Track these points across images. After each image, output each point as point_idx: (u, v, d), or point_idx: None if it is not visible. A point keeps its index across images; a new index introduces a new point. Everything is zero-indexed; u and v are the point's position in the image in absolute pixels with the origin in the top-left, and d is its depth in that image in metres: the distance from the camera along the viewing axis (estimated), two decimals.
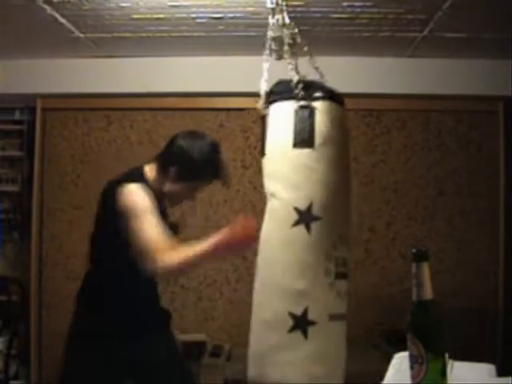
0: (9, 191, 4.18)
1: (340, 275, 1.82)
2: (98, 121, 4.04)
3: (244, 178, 3.96)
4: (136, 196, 2.13)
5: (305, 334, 1.74)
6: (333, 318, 1.80)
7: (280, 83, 1.94)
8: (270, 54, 1.96)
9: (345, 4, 2.84)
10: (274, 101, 1.90)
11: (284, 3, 1.95)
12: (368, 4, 2.84)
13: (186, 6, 2.91)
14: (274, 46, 1.96)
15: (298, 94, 1.85)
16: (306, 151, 1.81)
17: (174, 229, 2.42)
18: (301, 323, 1.74)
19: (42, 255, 3.98)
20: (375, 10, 2.90)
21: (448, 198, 3.90)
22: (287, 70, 1.94)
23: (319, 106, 1.84)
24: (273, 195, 1.85)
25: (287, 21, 1.95)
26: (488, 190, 3.88)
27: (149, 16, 3.03)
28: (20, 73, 3.82)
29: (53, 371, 3.81)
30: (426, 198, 3.91)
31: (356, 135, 3.95)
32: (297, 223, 1.77)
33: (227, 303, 3.92)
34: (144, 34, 3.34)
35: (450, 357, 1.38)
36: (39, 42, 3.47)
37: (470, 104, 3.89)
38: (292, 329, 1.74)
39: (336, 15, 2.99)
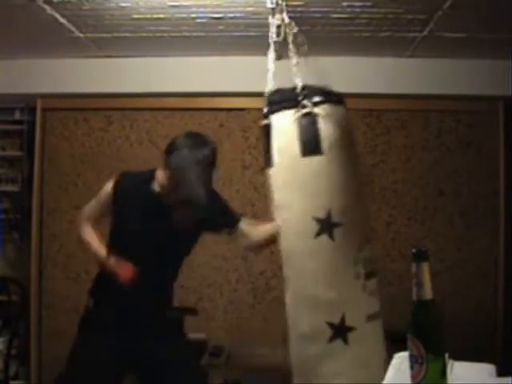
0: (9, 191, 4.18)
1: (370, 275, 1.82)
2: (98, 121, 4.04)
3: (244, 177, 3.96)
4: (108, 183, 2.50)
5: (345, 341, 1.75)
6: (370, 318, 1.81)
7: (278, 92, 1.92)
8: (276, 57, 1.96)
9: (345, 4, 2.84)
10: (275, 111, 1.89)
11: (284, 3, 1.95)
12: (368, 4, 2.84)
13: (185, 6, 2.91)
14: (276, 47, 1.97)
15: (299, 102, 1.83)
16: (315, 158, 1.80)
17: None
18: (340, 331, 1.75)
19: (42, 255, 3.98)
20: (375, 10, 2.90)
21: (448, 198, 3.90)
22: (287, 71, 1.94)
23: (320, 110, 1.82)
24: (286, 207, 1.83)
25: (287, 21, 1.95)
26: (488, 190, 3.88)
27: (149, 16, 3.03)
28: (20, 73, 3.82)
29: (53, 371, 3.82)
30: (426, 198, 3.91)
31: (356, 135, 3.95)
32: (319, 233, 1.77)
33: (227, 303, 3.92)
34: (144, 34, 3.34)
35: (449, 357, 1.38)
36: (39, 42, 3.47)
37: (469, 104, 3.89)
38: (332, 338, 1.75)
39: (336, 15, 2.99)
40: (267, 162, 1.91)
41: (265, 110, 1.94)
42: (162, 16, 3.03)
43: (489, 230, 3.87)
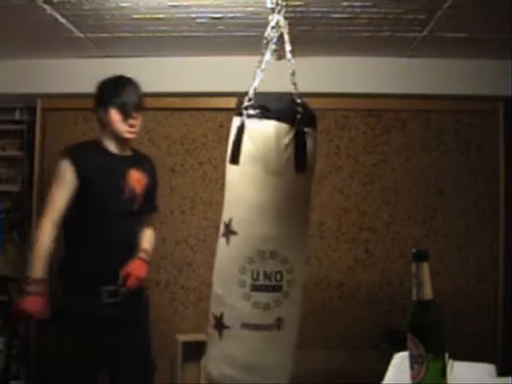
0: (9, 191, 4.18)
1: (258, 288, 1.90)
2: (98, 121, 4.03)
3: None
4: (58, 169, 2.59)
5: (220, 335, 1.94)
6: (247, 326, 1.91)
7: (242, 96, 1.98)
8: (264, 54, 1.96)
9: (345, 4, 2.84)
10: (235, 114, 2.00)
11: (284, 3, 1.95)
12: (368, 4, 2.83)
13: (186, 6, 2.91)
14: (275, 47, 1.97)
15: (240, 109, 1.91)
16: (233, 168, 1.93)
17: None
18: (218, 324, 1.94)
19: None
20: (375, 9, 2.90)
21: (448, 198, 3.90)
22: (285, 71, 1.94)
23: (249, 123, 1.87)
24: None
25: (283, 22, 1.96)
26: (488, 190, 3.89)
27: (149, 16, 3.03)
28: (20, 73, 3.81)
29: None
30: (426, 198, 3.91)
31: (356, 135, 3.96)
32: (222, 235, 1.97)
33: None
34: (144, 34, 3.34)
35: (449, 357, 1.38)
36: (39, 41, 3.47)
37: (470, 104, 3.89)
38: (213, 327, 1.97)
39: (336, 15, 2.98)
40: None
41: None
42: (161, 16, 3.03)
43: (489, 230, 3.87)
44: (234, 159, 1.91)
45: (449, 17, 2.91)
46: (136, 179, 2.65)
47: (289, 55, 1.96)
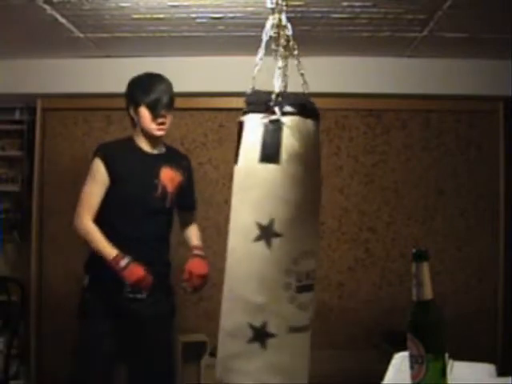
0: (9, 191, 4.18)
1: (303, 289, 1.85)
2: (98, 121, 4.04)
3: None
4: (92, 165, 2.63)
5: (263, 345, 1.80)
6: (293, 330, 1.84)
7: (255, 93, 1.95)
8: (266, 53, 1.96)
9: (345, 4, 2.84)
10: (249, 111, 1.91)
11: (284, 3, 1.94)
12: (368, 4, 2.83)
13: (186, 6, 2.91)
14: (273, 46, 1.96)
15: (270, 107, 1.86)
16: (270, 167, 1.82)
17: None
18: (260, 335, 1.80)
19: (42, 255, 3.98)
20: (375, 10, 2.90)
21: (448, 198, 3.90)
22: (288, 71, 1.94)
23: (288, 121, 1.84)
24: (236, 207, 1.88)
25: (284, 22, 1.95)
26: (488, 190, 3.89)
27: (149, 16, 3.03)
28: (20, 73, 3.81)
29: (53, 371, 3.82)
30: (426, 198, 3.91)
31: (356, 135, 3.96)
32: (258, 239, 1.81)
33: None
34: (144, 34, 3.34)
35: (450, 357, 1.38)
36: (39, 41, 3.47)
37: (470, 104, 3.89)
38: (251, 340, 1.80)
39: (336, 15, 2.98)
40: (235, 159, 1.97)
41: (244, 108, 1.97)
42: (161, 16, 3.03)
43: (489, 230, 3.87)
44: (274, 158, 1.82)
45: (449, 17, 2.91)
46: (169, 177, 2.66)
47: (295, 53, 1.96)
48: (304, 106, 1.87)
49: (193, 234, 2.89)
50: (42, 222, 4.00)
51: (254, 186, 1.85)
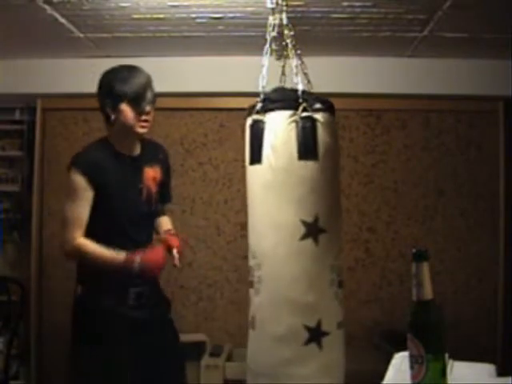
0: (9, 191, 4.18)
1: (341, 283, 1.87)
2: (98, 121, 3.99)
3: (244, 177, 3.95)
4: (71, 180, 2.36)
5: (319, 345, 1.77)
6: (340, 325, 1.84)
7: (277, 90, 1.94)
8: (271, 54, 1.96)
9: (345, 4, 2.84)
10: (271, 109, 1.88)
11: (284, 3, 1.95)
12: (368, 4, 2.83)
13: (186, 6, 2.91)
14: (274, 46, 1.97)
15: (299, 104, 1.85)
16: (310, 163, 1.82)
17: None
18: (315, 335, 1.77)
19: (42, 255, 3.98)
20: (375, 10, 2.90)
21: (448, 198, 3.90)
22: (287, 71, 1.94)
23: (320, 117, 1.85)
24: (273, 206, 1.84)
25: (285, 22, 1.96)
26: (488, 190, 3.89)
27: (149, 16, 3.03)
28: (20, 73, 3.81)
29: (53, 371, 3.82)
30: (426, 198, 3.91)
31: (356, 135, 3.96)
32: (304, 236, 1.78)
33: (227, 303, 3.92)
34: (144, 34, 3.34)
35: (450, 357, 1.38)
36: (39, 41, 3.47)
37: (470, 104, 3.89)
38: (308, 341, 1.76)
39: (336, 15, 2.98)
40: (254, 159, 1.94)
41: (259, 106, 1.94)
42: (161, 16, 3.03)
43: (489, 230, 3.87)
44: (312, 154, 1.81)
45: (449, 17, 2.91)
46: (151, 177, 2.50)
47: (296, 53, 1.96)
48: (330, 102, 1.93)
49: (165, 222, 2.69)
50: (42, 222, 4.00)
51: (295, 184, 1.82)
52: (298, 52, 2.00)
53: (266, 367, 1.85)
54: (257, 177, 1.91)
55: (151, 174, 2.50)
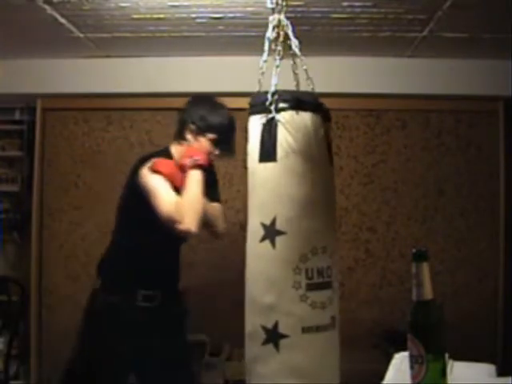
0: (9, 191, 4.18)
1: (315, 287, 1.82)
2: (98, 121, 4.03)
3: (245, 178, 3.95)
4: (150, 176, 2.37)
5: (276, 346, 1.77)
6: (308, 330, 1.80)
7: (256, 95, 1.94)
8: (269, 54, 1.96)
9: (345, 4, 2.84)
10: (250, 114, 1.92)
11: (284, 3, 1.94)
12: (368, 4, 2.84)
13: (186, 6, 2.91)
14: (274, 46, 1.96)
15: (266, 106, 1.85)
16: (269, 165, 1.82)
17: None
18: (272, 336, 1.78)
19: (42, 255, 3.98)
20: (375, 10, 2.90)
21: (448, 198, 3.90)
22: (287, 71, 1.94)
23: (283, 117, 1.83)
24: (247, 209, 1.90)
25: (284, 22, 1.95)
26: (488, 190, 3.88)
27: (149, 16, 3.03)
28: (20, 73, 3.81)
29: (53, 371, 3.82)
30: (426, 198, 3.91)
31: (356, 135, 3.95)
32: (263, 238, 1.82)
33: (228, 303, 3.92)
34: (144, 34, 3.34)
35: (450, 357, 1.38)
36: (39, 42, 3.47)
37: (470, 104, 3.89)
38: (265, 342, 1.79)
39: (336, 15, 2.99)
40: (244, 163, 1.98)
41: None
42: (162, 16, 3.03)
43: (489, 230, 3.87)
44: (270, 156, 1.81)
45: (449, 17, 2.91)
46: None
47: (298, 52, 1.95)
48: (297, 99, 1.84)
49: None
50: (42, 222, 4.00)
51: (257, 187, 1.87)
52: (291, 52, 1.99)
53: (245, 363, 1.92)
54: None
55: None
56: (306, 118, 1.84)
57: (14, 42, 3.45)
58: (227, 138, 2.51)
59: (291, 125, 1.81)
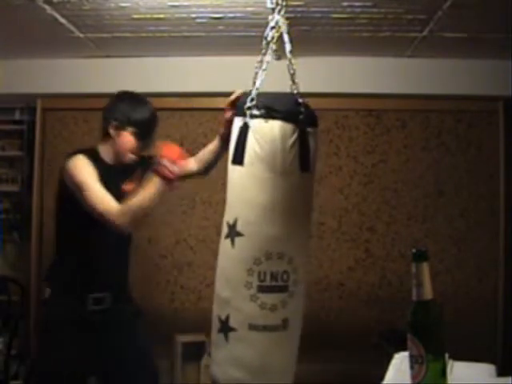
0: (9, 191, 4.19)
1: (265, 289, 1.89)
2: (98, 121, 4.02)
3: None
4: (78, 168, 2.40)
5: (226, 337, 1.92)
6: (254, 328, 1.90)
7: (244, 96, 1.97)
8: (265, 54, 1.96)
9: (345, 4, 2.84)
10: (235, 114, 1.97)
11: (284, 3, 1.95)
12: (368, 4, 2.84)
13: (185, 6, 2.91)
14: (273, 47, 1.96)
15: (243, 110, 1.88)
16: (237, 168, 1.90)
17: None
18: (224, 327, 1.93)
19: (41, 255, 3.98)
20: (375, 9, 2.90)
21: (448, 198, 3.90)
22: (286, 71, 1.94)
23: (254, 124, 1.85)
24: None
25: (283, 22, 1.95)
26: (488, 190, 3.89)
27: (149, 16, 3.03)
28: (20, 73, 3.82)
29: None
30: (426, 198, 3.91)
31: (356, 135, 3.96)
32: (226, 236, 1.94)
33: None
34: (144, 34, 3.34)
35: (450, 357, 1.38)
36: (39, 42, 3.47)
37: (470, 104, 3.89)
38: (219, 331, 1.95)
39: (336, 15, 2.99)
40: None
41: None
42: (162, 16, 3.03)
43: (489, 230, 3.87)
44: (239, 160, 1.88)
45: (449, 17, 2.91)
46: (131, 191, 2.44)
47: (289, 55, 1.96)
48: (267, 107, 1.86)
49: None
50: (42, 222, 4.00)
51: (228, 187, 1.98)
52: (279, 53, 2.00)
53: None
54: None
55: (131, 187, 2.46)
56: (274, 126, 1.87)
57: (14, 42, 3.45)
58: (148, 132, 2.48)
59: (259, 133, 1.87)
